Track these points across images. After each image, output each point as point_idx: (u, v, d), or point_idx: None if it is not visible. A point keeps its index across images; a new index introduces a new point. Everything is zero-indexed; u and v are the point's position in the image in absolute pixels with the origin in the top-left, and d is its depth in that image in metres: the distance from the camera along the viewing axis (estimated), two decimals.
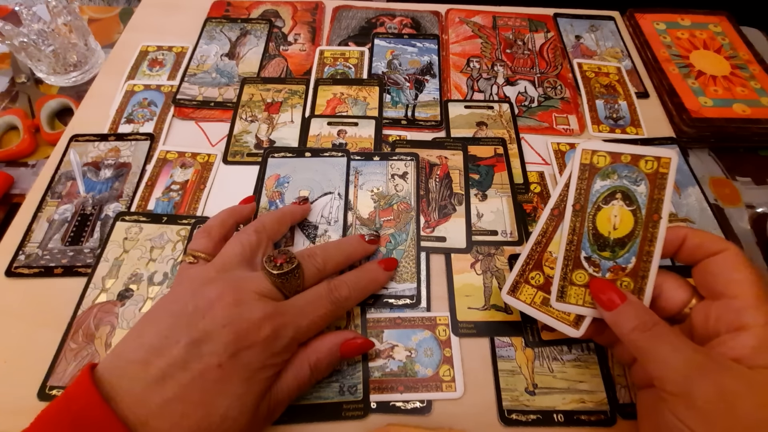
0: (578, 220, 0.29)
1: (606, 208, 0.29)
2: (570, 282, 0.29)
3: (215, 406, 0.24)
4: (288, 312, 0.27)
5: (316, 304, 0.29)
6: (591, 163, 0.29)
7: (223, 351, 0.24)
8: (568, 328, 0.29)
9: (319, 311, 0.29)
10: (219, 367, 0.24)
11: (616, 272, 0.29)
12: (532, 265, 0.31)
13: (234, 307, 0.26)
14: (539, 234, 0.31)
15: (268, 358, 0.26)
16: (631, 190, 0.29)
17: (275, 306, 0.27)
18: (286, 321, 0.27)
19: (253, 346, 0.25)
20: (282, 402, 0.27)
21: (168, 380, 0.23)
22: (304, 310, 0.28)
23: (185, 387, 0.23)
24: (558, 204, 0.30)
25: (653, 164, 0.29)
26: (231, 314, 0.25)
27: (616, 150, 0.29)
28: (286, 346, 0.27)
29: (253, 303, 0.26)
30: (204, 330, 0.25)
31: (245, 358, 0.25)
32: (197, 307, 0.26)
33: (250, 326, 0.25)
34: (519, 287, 0.31)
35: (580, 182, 0.30)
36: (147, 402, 0.23)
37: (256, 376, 0.25)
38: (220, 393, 0.24)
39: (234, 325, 0.25)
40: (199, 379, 0.24)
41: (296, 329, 0.27)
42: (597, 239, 0.29)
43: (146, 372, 0.23)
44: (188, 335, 0.24)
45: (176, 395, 0.23)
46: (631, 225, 0.29)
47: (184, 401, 0.23)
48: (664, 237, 0.28)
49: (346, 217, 0.39)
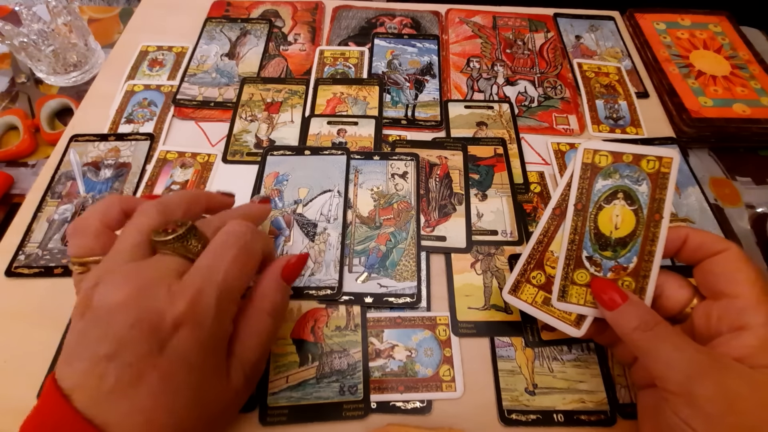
0: (580, 219, 0.29)
1: (608, 208, 0.29)
2: (571, 281, 0.29)
3: (174, 402, 0.22)
4: (196, 277, 0.24)
5: (219, 254, 0.25)
6: (593, 162, 0.29)
7: (147, 351, 0.21)
8: (570, 328, 0.29)
9: (226, 257, 0.25)
10: (154, 367, 0.21)
11: (618, 272, 0.29)
12: (534, 265, 0.31)
13: (135, 299, 0.22)
14: (541, 233, 0.31)
15: (204, 333, 0.23)
16: (632, 190, 0.29)
17: (180, 280, 0.23)
18: (199, 286, 0.23)
19: (177, 328, 0.22)
20: (255, 362, 0.26)
21: (117, 394, 0.21)
22: (211, 265, 0.24)
23: (136, 398, 0.21)
24: (559, 203, 0.30)
25: (655, 164, 0.29)
26: (135, 309, 0.22)
27: (617, 150, 0.29)
28: (216, 311, 0.23)
29: (153, 287, 0.23)
30: (115, 338, 0.21)
31: (176, 347, 0.22)
32: (98, 317, 0.22)
33: (160, 312, 0.22)
34: (520, 287, 0.31)
35: (582, 182, 0.30)
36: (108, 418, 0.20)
37: (201, 355, 0.23)
38: (172, 389, 0.22)
39: (142, 320, 0.22)
40: (142, 388, 0.21)
41: (216, 288, 0.23)
42: (598, 239, 0.29)
43: (99, 390, 0.21)
44: (105, 350, 0.21)
45: (132, 408, 0.21)
46: (633, 224, 0.29)
47: (141, 411, 0.21)
48: (665, 237, 0.28)
49: (346, 214, 0.39)
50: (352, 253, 0.37)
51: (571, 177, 0.30)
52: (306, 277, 0.36)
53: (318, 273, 0.36)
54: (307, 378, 0.32)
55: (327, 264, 0.36)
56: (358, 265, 0.37)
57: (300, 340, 0.34)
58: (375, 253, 0.37)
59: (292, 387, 0.32)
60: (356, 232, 0.38)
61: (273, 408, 0.31)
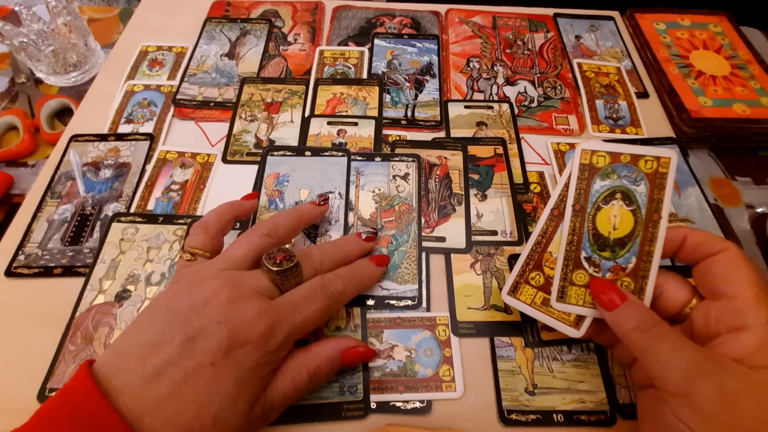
0: (578, 220, 0.29)
1: (606, 208, 0.29)
2: (570, 282, 0.29)
3: (208, 406, 0.23)
4: (282, 308, 0.27)
5: (310, 299, 0.28)
6: (590, 163, 0.29)
7: (217, 349, 0.24)
8: (569, 329, 0.29)
9: (313, 306, 0.28)
10: (212, 365, 0.24)
11: (617, 272, 0.29)
12: (532, 266, 0.31)
13: (229, 304, 0.25)
14: (539, 234, 0.31)
15: (263, 357, 0.25)
16: (630, 190, 0.29)
17: (270, 303, 0.27)
18: (280, 317, 0.26)
19: (247, 343, 0.25)
20: (277, 407, 0.27)
21: (162, 377, 0.23)
22: (298, 305, 0.28)
23: (179, 385, 0.23)
24: (558, 204, 0.30)
25: (653, 164, 0.29)
26: (226, 311, 0.25)
27: (615, 150, 0.29)
28: (281, 343, 0.26)
29: (248, 300, 0.26)
30: (199, 327, 0.24)
31: (239, 357, 0.24)
32: (193, 305, 0.25)
33: (245, 323, 0.25)
34: (519, 288, 0.31)
35: (580, 182, 0.30)
36: (142, 398, 0.22)
37: (250, 375, 0.25)
38: (213, 392, 0.24)
39: (228, 323, 0.25)
40: (192, 378, 0.23)
41: (291, 326, 0.27)
42: (597, 239, 0.29)
43: (142, 368, 0.23)
44: (183, 332, 0.24)
45: (170, 393, 0.23)
46: (631, 225, 0.29)
47: (178, 399, 0.23)
48: (664, 237, 0.28)
49: (347, 216, 0.39)
50: None
51: (569, 178, 0.30)
52: None
53: None
54: None
55: None
56: None
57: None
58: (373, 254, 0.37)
59: None
60: None
61: None
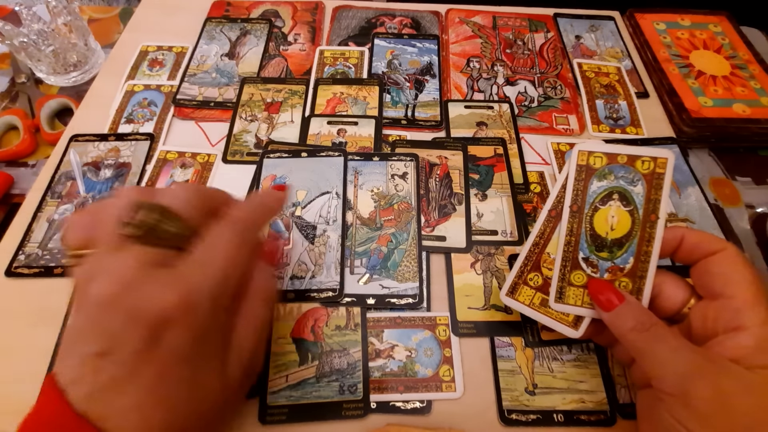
0: (576, 221, 0.30)
1: (603, 209, 0.29)
2: (568, 283, 0.29)
3: (171, 398, 0.22)
4: (188, 271, 0.23)
5: (213, 244, 0.24)
6: (587, 164, 0.30)
7: (143, 346, 0.21)
8: (567, 329, 0.29)
9: (220, 249, 0.24)
10: (149, 363, 0.21)
11: (615, 273, 0.29)
12: (531, 267, 0.31)
13: (126, 294, 0.21)
14: (537, 235, 0.31)
15: (197, 329, 0.22)
16: (627, 191, 0.29)
17: (170, 271, 0.22)
18: (190, 283, 0.22)
19: (169, 323, 0.21)
20: (252, 354, 0.25)
21: (113, 391, 0.21)
22: (203, 260, 0.23)
23: (132, 394, 0.21)
24: (555, 205, 0.30)
25: (650, 164, 0.29)
26: (126, 304, 0.21)
27: (612, 151, 0.29)
28: (210, 306, 0.23)
29: (145, 280, 0.22)
30: (109, 335, 0.21)
31: (170, 341, 0.21)
32: (90, 316, 0.22)
33: (152, 305, 0.21)
34: (518, 288, 0.31)
35: (577, 183, 0.30)
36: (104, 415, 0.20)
37: (195, 350, 0.22)
38: (168, 386, 0.21)
39: (135, 314, 0.21)
40: (138, 383, 0.21)
41: (209, 283, 0.23)
42: (595, 240, 0.29)
43: (94, 386, 0.21)
44: (99, 347, 0.21)
45: (128, 404, 0.21)
46: (629, 225, 0.29)
47: (139, 407, 0.21)
48: (661, 237, 0.28)
49: (345, 216, 0.39)
50: (354, 254, 0.37)
51: (566, 179, 0.30)
52: (307, 279, 0.36)
53: (319, 275, 0.36)
54: (307, 377, 0.32)
55: (328, 266, 0.36)
56: (360, 267, 0.37)
57: (300, 339, 0.34)
58: (376, 255, 0.37)
59: (291, 386, 0.32)
60: (357, 234, 0.38)
61: (273, 407, 0.31)
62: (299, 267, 0.36)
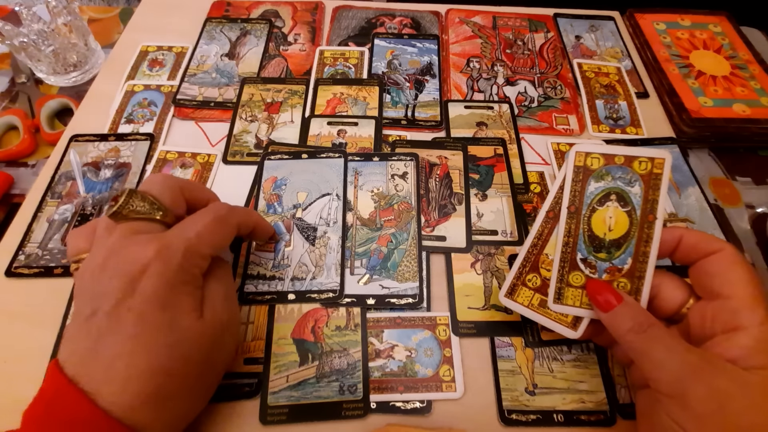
0: (573, 222, 0.30)
1: (601, 210, 0.29)
2: (567, 284, 0.29)
3: (152, 342, 0.23)
4: (169, 234, 0.26)
5: (196, 219, 0.27)
6: (585, 165, 0.30)
7: (122, 295, 0.23)
8: (566, 330, 0.30)
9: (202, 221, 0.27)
10: (129, 310, 0.23)
11: (613, 273, 0.29)
12: (529, 268, 0.31)
13: (111, 258, 0.25)
14: (535, 236, 0.31)
15: (171, 275, 0.24)
16: (625, 192, 0.29)
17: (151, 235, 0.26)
18: (169, 240, 0.25)
19: (145, 270, 0.24)
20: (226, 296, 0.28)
21: (99, 345, 0.23)
22: (185, 226, 0.27)
23: (115, 344, 0.23)
24: (553, 206, 0.31)
25: (647, 165, 0.29)
26: (111, 265, 0.24)
27: (609, 152, 0.29)
28: (183, 259, 0.25)
29: (127, 243, 0.25)
30: (100, 292, 0.24)
31: (146, 287, 0.24)
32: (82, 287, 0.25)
33: (132, 259, 0.24)
34: (516, 289, 0.31)
35: (575, 184, 0.30)
36: (93, 374, 0.22)
37: (171, 295, 0.24)
38: (148, 331, 0.23)
39: (117, 269, 0.24)
40: (120, 332, 0.23)
41: (185, 241, 0.26)
42: (592, 241, 0.29)
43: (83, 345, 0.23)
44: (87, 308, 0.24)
45: (113, 354, 0.23)
46: (627, 226, 0.29)
47: (122, 355, 0.23)
48: (660, 238, 0.28)
49: (345, 217, 0.39)
50: (354, 255, 0.37)
51: (564, 180, 0.30)
52: (308, 280, 0.36)
53: (319, 276, 0.36)
54: (307, 377, 0.32)
55: (328, 267, 0.36)
56: (360, 267, 0.37)
57: (300, 339, 0.34)
58: (376, 255, 0.37)
59: (292, 386, 0.32)
60: (357, 234, 0.38)
61: (273, 407, 0.31)
62: (300, 268, 0.36)
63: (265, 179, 0.41)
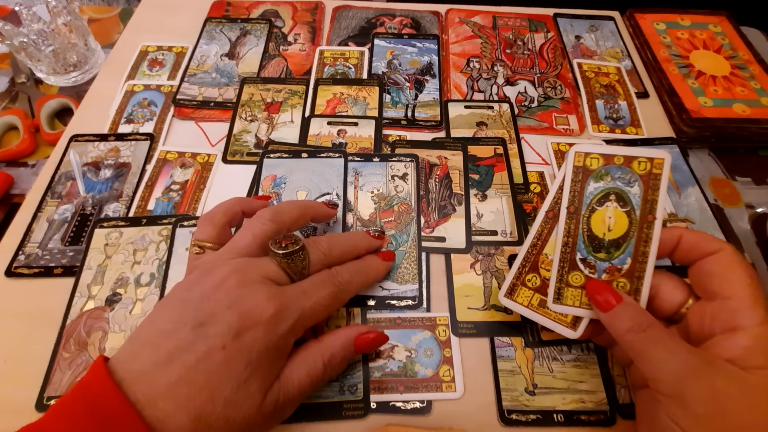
0: (573, 222, 0.30)
1: (600, 210, 0.29)
2: (566, 284, 0.29)
3: (219, 389, 0.23)
4: (291, 293, 0.27)
5: (318, 286, 0.29)
6: (584, 165, 0.30)
7: (227, 331, 0.24)
8: (566, 330, 0.30)
9: (321, 292, 0.28)
10: (223, 348, 0.24)
11: (612, 273, 0.29)
12: (529, 268, 0.31)
13: (238, 288, 0.26)
14: (534, 236, 0.31)
15: (273, 341, 0.25)
16: (624, 192, 0.29)
17: (279, 288, 0.27)
18: (289, 302, 0.27)
19: (257, 326, 0.25)
20: (292, 398, 0.27)
21: (175, 362, 0.23)
22: (307, 291, 0.28)
23: (190, 369, 0.23)
24: (552, 206, 0.31)
25: (646, 165, 0.29)
26: (235, 295, 0.25)
27: (608, 152, 0.29)
28: (291, 327, 0.26)
29: (257, 285, 0.26)
30: (209, 312, 0.25)
31: (249, 339, 0.25)
32: (203, 292, 0.26)
33: (254, 306, 0.25)
34: (516, 290, 0.31)
35: (574, 185, 0.30)
36: (155, 383, 0.23)
37: (260, 359, 0.25)
38: (224, 375, 0.24)
39: (238, 306, 0.25)
40: (203, 361, 0.23)
41: (301, 311, 0.27)
42: (592, 241, 0.29)
43: (156, 354, 0.24)
44: (194, 318, 0.25)
45: (182, 377, 0.23)
46: (626, 226, 0.29)
47: (190, 383, 0.23)
48: (659, 237, 0.28)
49: (345, 217, 0.39)
50: None
51: (563, 180, 0.30)
52: None
53: None
54: None
55: None
56: None
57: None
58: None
59: None
60: None
61: None
62: None
63: (264, 177, 0.41)
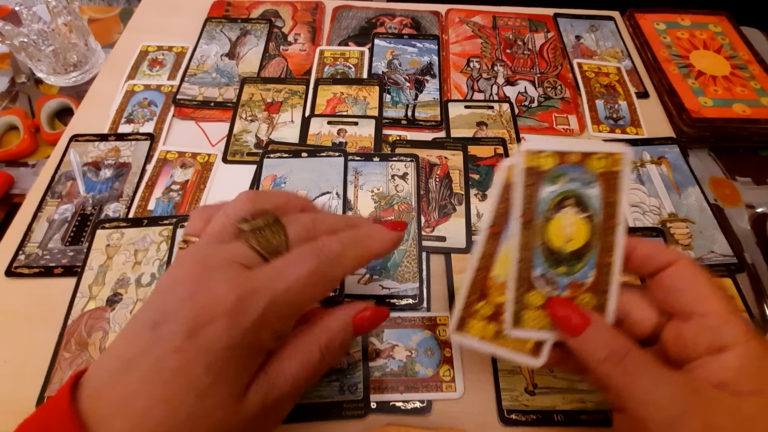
0: (527, 234, 0.25)
1: (557, 218, 0.25)
2: (525, 306, 0.26)
3: (179, 401, 0.20)
4: (262, 276, 0.22)
5: (295, 261, 0.23)
6: (535, 166, 0.25)
7: (180, 330, 0.20)
8: (527, 358, 0.26)
9: (299, 269, 0.22)
10: (176, 351, 0.20)
11: (575, 289, 0.25)
12: (478, 296, 0.27)
13: (197, 278, 0.22)
14: (479, 259, 0.26)
15: (236, 337, 0.21)
16: (583, 194, 0.25)
17: (247, 272, 0.22)
18: (255, 286, 0.21)
19: (214, 320, 0.20)
20: (286, 394, 0.23)
21: (131, 371, 0.20)
22: (281, 271, 0.22)
23: (145, 379, 0.20)
24: (495, 221, 0.26)
25: (604, 162, 0.25)
26: (193, 287, 0.21)
27: (562, 149, 0.25)
28: (260, 318, 0.21)
29: (218, 271, 0.22)
30: (164, 309, 0.21)
31: (207, 337, 0.20)
32: (162, 288, 0.22)
33: (212, 297, 0.21)
34: (466, 323, 0.27)
35: (525, 190, 0.25)
36: (111, 397, 0.20)
37: (225, 360, 0.20)
38: (183, 384, 0.20)
39: (194, 299, 0.21)
40: (156, 368, 0.20)
41: (271, 295, 0.21)
42: (550, 254, 0.25)
43: (114, 364, 0.21)
44: (151, 318, 0.21)
45: (137, 389, 0.20)
46: (587, 234, 0.25)
47: (147, 396, 0.19)
48: (623, 245, 0.25)
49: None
50: None
51: (504, 190, 0.26)
52: None
53: None
54: None
55: None
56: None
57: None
58: None
59: None
60: None
61: None
62: None
63: (264, 177, 0.41)
